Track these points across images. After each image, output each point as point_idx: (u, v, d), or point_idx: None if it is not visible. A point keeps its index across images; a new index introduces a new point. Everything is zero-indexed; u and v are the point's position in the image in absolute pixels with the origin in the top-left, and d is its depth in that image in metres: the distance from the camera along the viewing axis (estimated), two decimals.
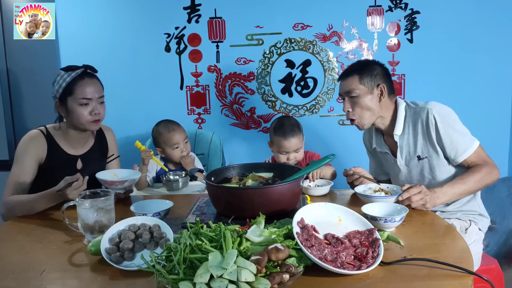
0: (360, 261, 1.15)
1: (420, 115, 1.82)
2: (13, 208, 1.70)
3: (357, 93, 1.83)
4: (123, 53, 2.91)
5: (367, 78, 1.84)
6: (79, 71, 1.81)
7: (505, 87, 2.90)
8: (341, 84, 1.91)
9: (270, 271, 1.02)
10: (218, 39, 2.94)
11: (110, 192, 1.44)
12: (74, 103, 1.80)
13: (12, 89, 2.91)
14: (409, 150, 1.87)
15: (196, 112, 3.04)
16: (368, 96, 1.84)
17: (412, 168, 1.88)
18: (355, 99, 1.84)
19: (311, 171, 1.80)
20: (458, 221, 1.85)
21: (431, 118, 1.78)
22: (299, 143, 2.21)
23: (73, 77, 1.80)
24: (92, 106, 1.81)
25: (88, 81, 1.82)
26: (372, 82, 1.84)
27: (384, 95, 1.86)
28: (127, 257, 1.22)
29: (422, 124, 1.81)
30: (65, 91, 1.80)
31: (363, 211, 1.44)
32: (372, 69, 1.86)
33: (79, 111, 1.80)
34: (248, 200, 1.39)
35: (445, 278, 1.10)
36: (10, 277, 1.18)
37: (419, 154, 1.84)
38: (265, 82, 2.99)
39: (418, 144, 1.84)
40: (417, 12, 2.86)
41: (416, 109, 1.85)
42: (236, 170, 1.71)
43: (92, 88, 1.82)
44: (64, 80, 1.80)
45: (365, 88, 1.84)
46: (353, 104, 1.86)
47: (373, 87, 1.84)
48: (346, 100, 1.88)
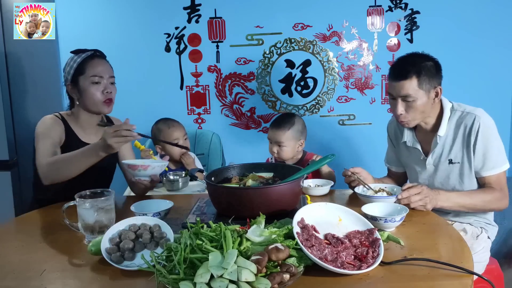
0: (360, 261, 1.15)
1: (465, 120, 1.77)
2: (56, 164, 1.65)
3: (414, 97, 1.74)
4: (123, 53, 2.91)
5: (425, 81, 1.74)
6: (89, 53, 1.85)
7: (505, 87, 2.91)
8: (396, 85, 1.76)
9: (270, 271, 1.02)
10: (218, 39, 2.94)
11: (110, 192, 1.44)
12: (86, 82, 1.81)
13: (12, 89, 2.91)
14: (442, 152, 1.83)
15: (196, 112, 3.04)
16: (424, 99, 1.75)
17: (440, 170, 1.85)
18: (411, 103, 1.75)
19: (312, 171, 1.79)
20: (470, 226, 1.84)
21: (476, 125, 1.74)
22: (283, 138, 2.22)
23: (84, 57, 1.83)
24: (104, 85, 1.83)
25: (99, 61, 1.86)
26: (429, 85, 1.75)
27: (439, 97, 1.79)
28: (128, 257, 1.22)
29: (465, 129, 1.77)
30: (77, 71, 1.82)
31: (363, 211, 1.44)
32: (430, 70, 1.76)
33: (91, 90, 1.81)
34: (248, 200, 1.39)
35: (445, 278, 1.10)
36: (10, 277, 1.18)
37: (452, 158, 1.81)
38: (265, 82, 2.99)
39: (454, 147, 1.80)
40: (417, 12, 2.86)
41: (462, 113, 1.80)
42: (236, 170, 1.71)
43: (103, 67, 1.85)
44: (75, 61, 1.83)
45: (422, 92, 1.74)
46: (407, 108, 1.77)
47: (430, 90, 1.76)
48: (399, 102, 1.77)
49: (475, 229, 1.84)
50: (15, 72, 2.88)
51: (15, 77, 2.90)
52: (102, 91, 1.82)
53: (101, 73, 1.83)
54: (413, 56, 1.82)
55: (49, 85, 2.90)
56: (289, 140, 2.23)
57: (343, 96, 2.98)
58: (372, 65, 2.94)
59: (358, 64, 2.95)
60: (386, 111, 2.98)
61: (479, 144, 1.74)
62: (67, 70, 1.85)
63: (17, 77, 2.90)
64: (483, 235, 1.84)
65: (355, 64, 2.95)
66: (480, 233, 1.84)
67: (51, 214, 1.67)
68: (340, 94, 2.98)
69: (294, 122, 2.26)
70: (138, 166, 1.71)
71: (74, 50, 1.87)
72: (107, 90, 1.83)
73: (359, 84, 2.97)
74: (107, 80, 1.84)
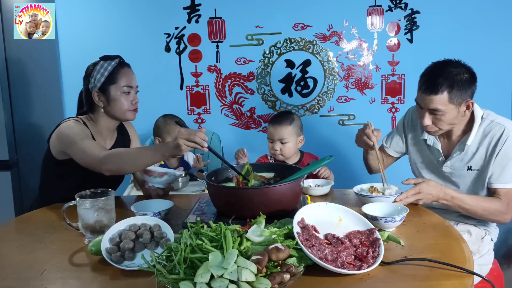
0: (361, 261, 1.15)
1: (494, 130, 1.73)
2: (119, 157, 1.63)
3: (444, 111, 1.67)
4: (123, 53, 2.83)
5: (457, 96, 1.66)
6: (117, 60, 1.83)
7: (505, 87, 2.91)
8: (425, 98, 1.68)
9: (270, 271, 1.02)
10: (218, 39, 2.94)
11: (111, 191, 1.44)
12: (117, 92, 1.80)
13: (12, 89, 2.91)
14: (464, 158, 1.79)
15: (196, 112, 3.04)
16: (454, 113, 1.69)
17: (455, 175, 1.82)
18: (439, 116, 1.69)
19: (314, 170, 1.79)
20: (475, 228, 1.83)
21: (505, 137, 1.70)
22: (286, 134, 2.22)
23: (114, 66, 1.81)
24: (132, 95, 1.84)
25: (128, 70, 1.85)
26: (461, 99, 1.67)
27: (470, 110, 1.72)
28: (128, 257, 1.22)
29: (491, 139, 1.73)
30: (108, 80, 1.79)
31: (363, 211, 1.44)
32: (463, 83, 1.66)
33: (122, 99, 1.80)
34: (248, 200, 1.39)
35: (445, 278, 1.10)
36: (11, 277, 1.18)
37: (471, 165, 1.77)
38: (265, 82, 2.99)
39: (476, 155, 1.76)
40: (417, 12, 2.86)
41: (491, 123, 1.75)
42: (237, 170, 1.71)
43: (132, 77, 1.85)
44: (105, 68, 1.80)
45: (452, 106, 1.67)
46: (434, 120, 1.71)
47: (461, 104, 1.68)
48: (426, 114, 1.70)
49: (479, 231, 1.83)
50: (15, 72, 2.89)
51: (15, 77, 2.90)
52: (131, 101, 1.83)
53: (131, 83, 1.83)
54: (446, 66, 1.71)
55: (49, 85, 2.90)
56: (291, 135, 2.24)
57: (343, 96, 2.98)
58: (372, 65, 2.94)
59: (358, 64, 2.95)
60: (386, 111, 2.99)
61: (501, 155, 1.70)
62: (97, 77, 1.79)
63: (17, 77, 2.90)
64: (487, 237, 1.83)
65: (355, 64, 2.95)
66: (485, 235, 1.83)
67: (51, 214, 1.67)
68: (340, 94, 2.98)
69: (293, 118, 2.27)
70: (155, 172, 1.70)
71: (103, 56, 1.83)
72: (135, 101, 1.85)
73: (359, 84, 2.97)
74: (134, 90, 1.85)
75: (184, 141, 1.47)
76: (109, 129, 1.90)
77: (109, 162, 1.61)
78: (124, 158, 1.63)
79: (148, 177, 1.72)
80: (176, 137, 1.49)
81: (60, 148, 1.77)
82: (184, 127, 1.55)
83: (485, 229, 1.85)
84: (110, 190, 1.45)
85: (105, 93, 1.80)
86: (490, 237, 1.85)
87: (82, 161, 1.69)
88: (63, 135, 1.75)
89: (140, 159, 1.60)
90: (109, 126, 1.89)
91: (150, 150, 1.61)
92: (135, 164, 1.63)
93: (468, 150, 1.77)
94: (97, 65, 1.81)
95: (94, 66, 1.82)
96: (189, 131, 1.49)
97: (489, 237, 1.84)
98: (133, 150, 1.67)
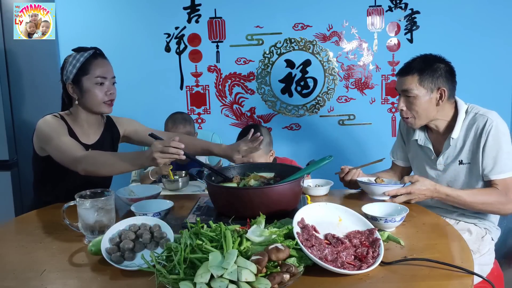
0: (361, 261, 1.15)
1: (478, 121, 1.76)
2: (96, 159, 1.62)
3: (414, 93, 1.75)
4: (123, 53, 2.91)
5: (428, 80, 1.74)
6: (91, 51, 1.80)
7: (505, 87, 2.91)
8: (399, 80, 1.81)
9: (270, 271, 1.02)
10: (218, 39, 2.94)
11: (111, 192, 1.44)
12: (90, 83, 1.77)
13: (12, 89, 2.91)
14: (454, 153, 1.82)
15: (196, 112, 3.04)
16: (426, 98, 1.75)
17: (449, 170, 1.84)
18: (411, 99, 1.77)
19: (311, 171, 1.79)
20: (475, 227, 1.83)
21: (488, 127, 1.72)
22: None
23: (86, 57, 1.78)
24: (107, 86, 1.80)
25: (102, 61, 1.82)
26: (432, 84, 1.75)
27: (443, 99, 1.77)
28: (128, 257, 1.22)
29: (476, 131, 1.75)
30: (80, 71, 1.77)
31: (363, 211, 1.44)
32: (435, 69, 1.75)
33: (95, 91, 1.78)
34: (248, 200, 1.39)
35: (445, 278, 1.10)
36: (11, 277, 1.18)
37: (462, 159, 1.80)
38: (265, 82, 2.99)
39: (465, 148, 1.79)
40: (417, 12, 2.86)
41: (475, 115, 1.78)
42: (236, 170, 1.71)
43: (107, 68, 1.81)
44: (77, 60, 1.78)
45: (423, 90, 1.75)
46: (408, 104, 1.79)
47: (433, 90, 1.75)
48: (401, 97, 1.80)
49: (479, 230, 1.83)
50: (15, 72, 2.89)
51: (15, 77, 2.90)
52: (105, 92, 1.79)
53: (105, 74, 1.79)
54: (423, 56, 1.82)
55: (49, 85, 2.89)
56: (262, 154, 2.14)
57: (343, 96, 2.98)
58: (372, 65, 2.94)
59: (358, 64, 2.95)
60: (386, 111, 2.99)
61: (489, 147, 1.72)
62: (69, 69, 1.78)
63: (17, 77, 2.90)
64: (488, 236, 1.83)
65: (355, 64, 2.95)
66: (485, 234, 1.83)
67: (51, 214, 1.67)
68: (340, 94, 2.98)
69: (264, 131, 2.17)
70: None
71: (75, 48, 1.82)
72: (110, 92, 1.81)
73: (359, 84, 2.97)
74: (110, 81, 1.82)
75: (159, 154, 1.49)
76: (90, 122, 1.87)
77: (85, 162, 1.62)
78: (100, 163, 1.62)
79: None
80: (151, 151, 1.50)
81: (39, 145, 1.78)
82: (158, 139, 1.56)
83: (485, 229, 1.85)
84: (110, 190, 1.45)
85: (78, 85, 1.79)
86: (491, 236, 1.85)
87: (58, 158, 1.69)
88: (40, 131, 1.76)
89: (116, 167, 1.61)
90: (89, 120, 1.86)
91: (128, 160, 1.60)
92: (111, 171, 1.67)
93: (455, 144, 1.81)
94: (69, 58, 1.81)
95: (68, 58, 1.81)
96: (163, 142, 1.50)
97: (490, 236, 1.84)
98: (111, 157, 1.63)
